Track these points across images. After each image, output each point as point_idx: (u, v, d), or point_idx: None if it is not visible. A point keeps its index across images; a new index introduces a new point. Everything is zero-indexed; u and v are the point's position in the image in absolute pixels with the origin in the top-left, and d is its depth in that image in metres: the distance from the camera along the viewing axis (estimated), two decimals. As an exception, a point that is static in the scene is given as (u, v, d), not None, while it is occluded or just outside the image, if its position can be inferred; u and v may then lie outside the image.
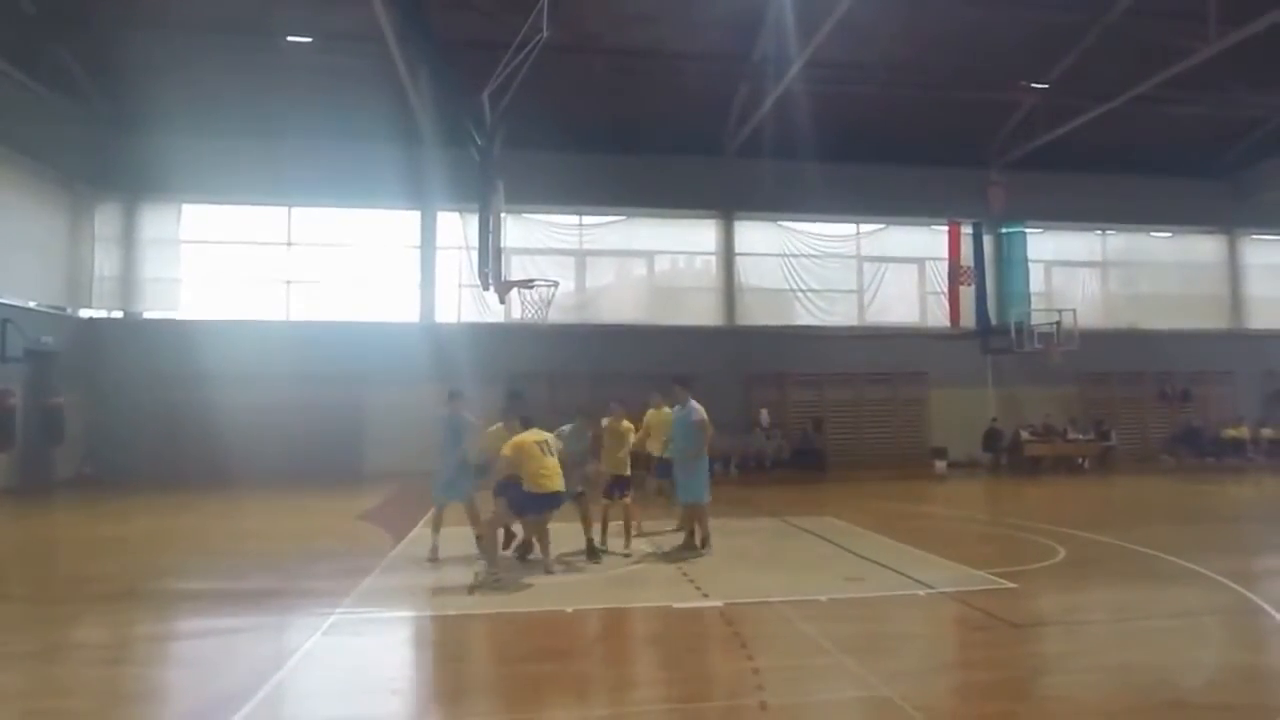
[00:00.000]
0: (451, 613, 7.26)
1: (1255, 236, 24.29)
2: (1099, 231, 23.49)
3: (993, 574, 8.40)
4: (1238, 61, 16.81)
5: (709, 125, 20.32)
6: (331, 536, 11.27)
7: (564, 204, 20.75)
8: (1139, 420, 22.66)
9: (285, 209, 20.34)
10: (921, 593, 7.82)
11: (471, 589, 8.00)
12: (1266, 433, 22.78)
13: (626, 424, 10.00)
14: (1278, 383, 23.46)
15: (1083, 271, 23.48)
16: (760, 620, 7.01)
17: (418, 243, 20.59)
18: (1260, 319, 23.99)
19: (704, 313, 21.41)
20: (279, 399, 18.44)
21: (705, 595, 7.67)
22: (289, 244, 20.30)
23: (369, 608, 7.36)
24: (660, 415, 10.70)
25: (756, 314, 21.43)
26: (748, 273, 21.54)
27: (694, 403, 9.68)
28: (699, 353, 20.54)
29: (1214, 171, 23.28)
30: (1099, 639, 6.62)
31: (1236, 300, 24.03)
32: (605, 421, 9.95)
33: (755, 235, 21.72)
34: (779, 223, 21.89)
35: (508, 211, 20.54)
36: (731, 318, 21.37)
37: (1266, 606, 7.25)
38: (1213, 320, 23.79)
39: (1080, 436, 20.64)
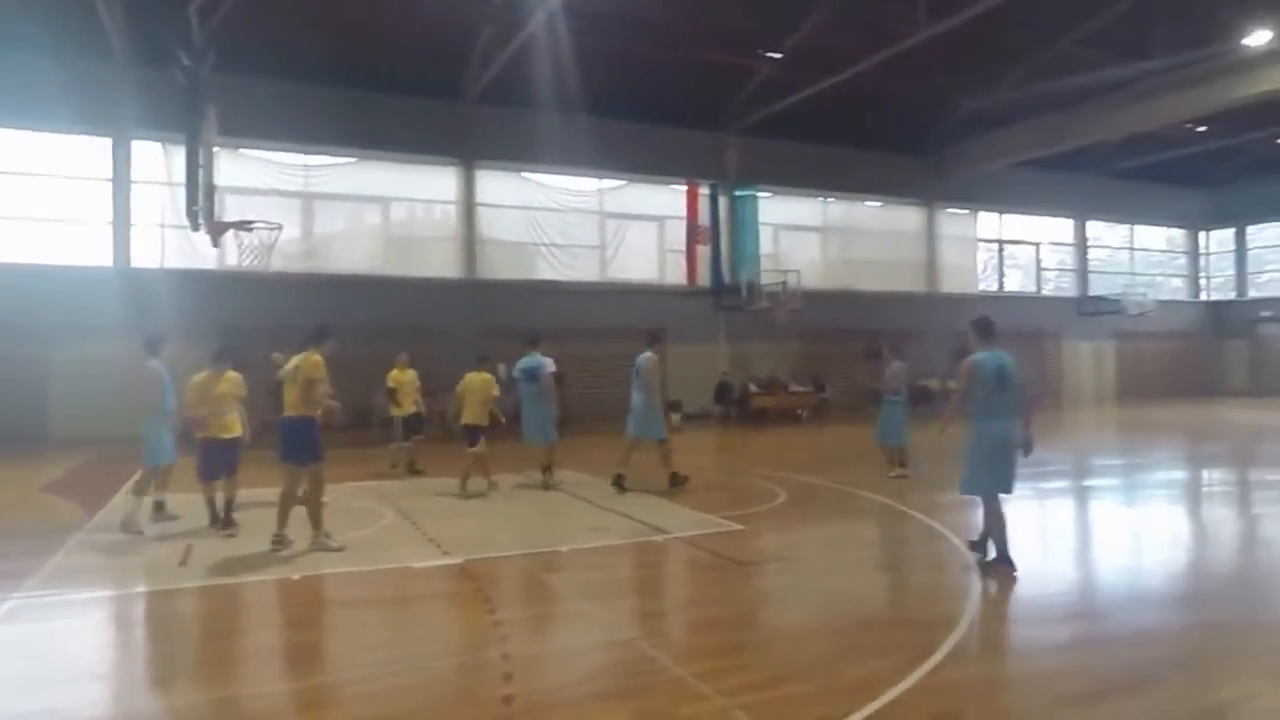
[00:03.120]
0: (160, 588, 6.38)
1: (949, 210, 27.35)
2: (821, 198, 25.30)
3: (723, 517, 8.76)
4: (944, 49, 18.55)
5: (450, 68, 19.33)
6: (10, 511, 9.67)
7: (288, 140, 18.90)
8: (851, 374, 24.86)
9: (-62, 129, 16.87)
10: (659, 538, 7.98)
11: (182, 562, 7.06)
12: (951, 384, 25.88)
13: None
14: (960, 341, 26.67)
15: (807, 235, 25.23)
16: (502, 575, 6.87)
17: (109, 175, 17.91)
18: (950, 284, 27.13)
19: (443, 264, 20.55)
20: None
21: (446, 553, 7.34)
22: (-56, 171, 16.89)
23: (57, 589, 6.31)
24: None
25: (498, 267, 20.92)
26: (489, 224, 20.92)
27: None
28: (437, 305, 19.77)
29: (919, 148, 25.77)
30: (811, 571, 7.07)
31: (932, 266, 26.98)
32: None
33: (497, 186, 21.11)
34: (522, 174, 21.43)
35: (221, 145, 18.45)
36: (472, 270, 20.70)
37: (946, 532, 8.08)
38: (913, 284, 26.55)
39: (800, 389, 22.28)
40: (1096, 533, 9.24)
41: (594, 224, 22.22)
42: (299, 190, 19.37)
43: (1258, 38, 17.83)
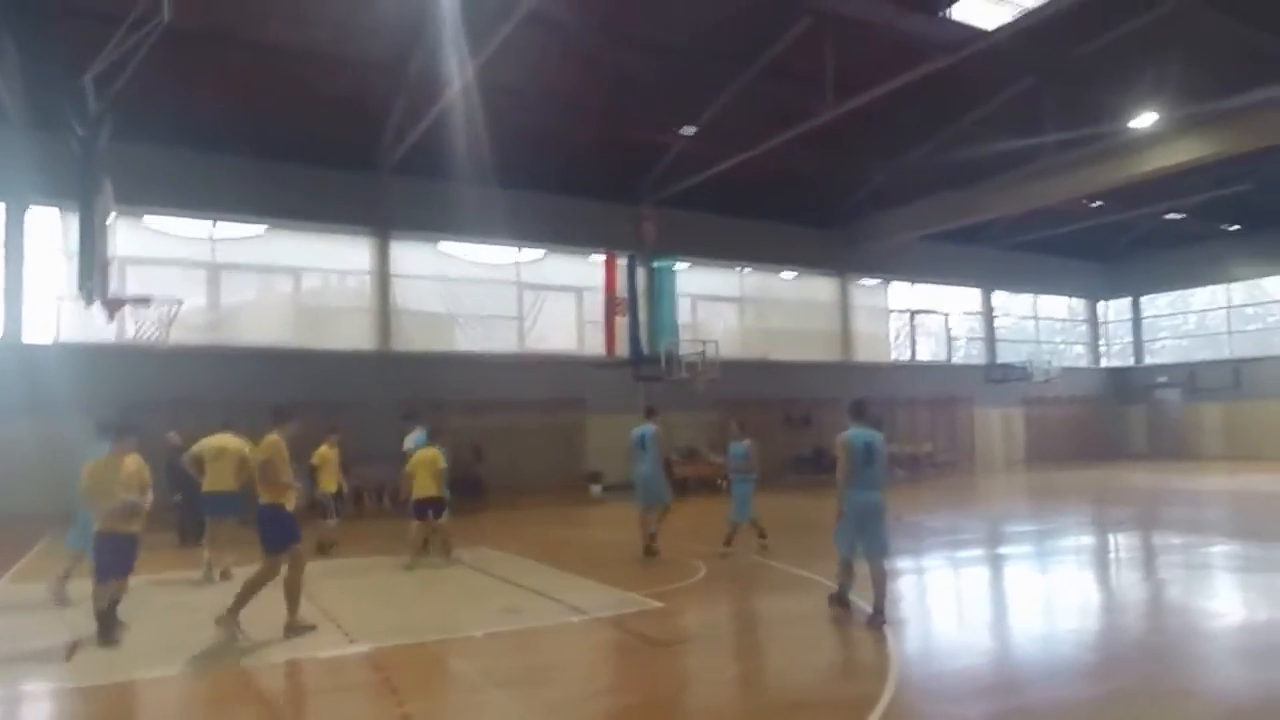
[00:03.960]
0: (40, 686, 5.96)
1: (862, 281, 28.12)
2: (738, 269, 25.74)
3: (644, 595, 8.50)
4: (851, 127, 19.30)
5: (363, 137, 19.17)
6: None
7: (195, 209, 18.34)
8: (769, 442, 24.94)
9: None
10: (577, 619, 7.69)
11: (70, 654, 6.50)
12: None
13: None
14: (875, 408, 27.13)
15: (724, 305, 25.56)
16: (411, 663, 6.47)
17: (2, 242, 17.06)
18: (864, 352, 27.74)
19: (357, 336, 20.05)
20: None
21: (351, 640, 6.90)
22: None
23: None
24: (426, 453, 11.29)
25: (414, 338, 20.51)
26: (404, 295, 20.55)
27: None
28: (351, 378, 19.19)
29: (831, 221, 26.55)
30: (733, 649, 6.95)
31: (846, 335, 27.58)
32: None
33: (412, 256, 20.82)
34: (437, 245, 21.24)
35: (122, 214, 17.81)
36: (387, 341, 20.24)
37: (861, 603, 7.97)
38: (828, 353, 27.05)
39: (718, 459, 22.22)
40: (1010, 600, 9.28)
41: (511, 295, 22.05)
42: (206, 260, 18.73)
43: (1143, 120, 19.04)
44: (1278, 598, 8.65)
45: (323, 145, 18.72)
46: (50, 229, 17.28)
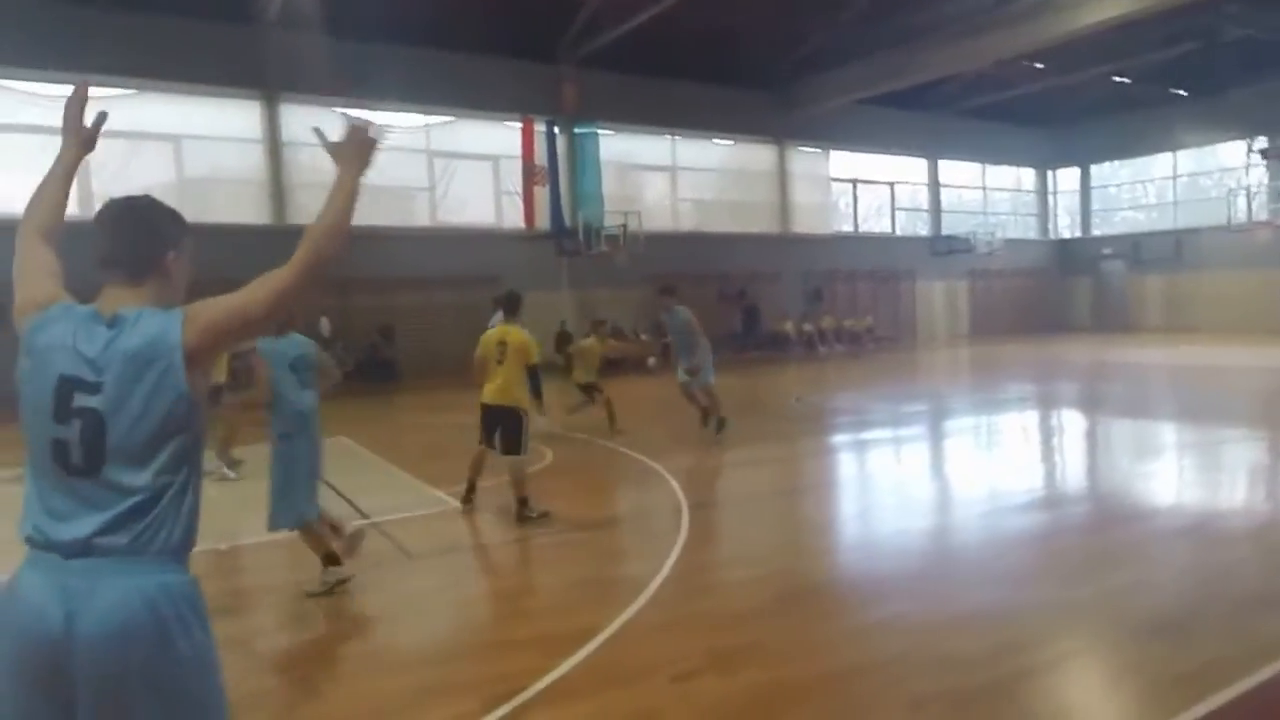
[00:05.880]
0: None
1: (801, 148, 26.80)
2: (669, 136, 24.32)
3: (454, 492, 7.77)
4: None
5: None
6: None
7: (49, 68, 16.70)
8: (701, 319, 24.12)
9: None
10: (349, 527, 6.99)
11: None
12: (806, 327, 25.75)
13: None
14: (815, 282, 26.46)
15: (653, 175, 24.27)
16: None
17: None
18: (802, 224, 26.72)
19: (247, 210, 18.78)
20: None
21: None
22: None
23: None
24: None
25: (310, 212, 19.18)
26: (300, 166, 19.16)
27: None
28: (243, 256, 17.69)
29: (768, 84, 24.94)
30: (474, 568, 6.39)
31: (785, 206, 26.48)
32: None
33: (308, 122, 19.28)
34: (335, 109, 19.68)
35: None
36: (281, 216, 19.00)
37: (683, 502, 7.39)
38: (765, 225, 26.02)
39: (645, 338, 21.54)
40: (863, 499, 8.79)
41: (421, 164, 20.68)
42: (43, 124, 17.19)
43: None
44: (1207, 486, 8.19)
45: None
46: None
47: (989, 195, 32.12)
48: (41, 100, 16.98)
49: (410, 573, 5.97)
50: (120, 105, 17.57)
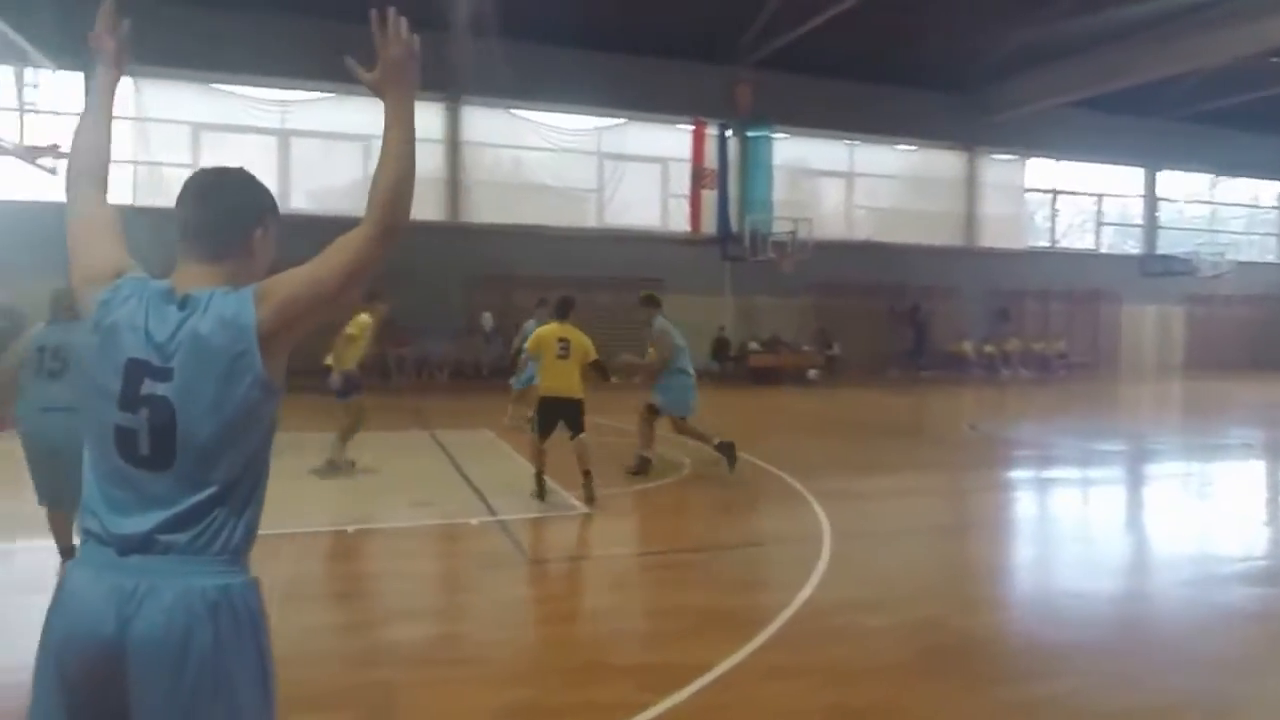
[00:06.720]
0: None
1: (994, 155, 24.90)
2: (847, 141, 23.21)
3: (577, 497, 7.42)
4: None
5: (426, -8, 18.00)
6: None
7: (261, 75, 17.98)
8: (871, 333, 22.97)
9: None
10: (475, 521, 6.79)
11: None
12: (988, 348, 23.86)
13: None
14: (1002, 300, 24.49)
15: (828, 181, 23.27)
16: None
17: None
18: (990, 237, 24.81)
19: (425, 206, 19.40)
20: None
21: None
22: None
23: None
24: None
25: (484, 210, 19.72)
26: (476, 165, 19.68)
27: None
28: (418, 250, 18.57)
29: (960, 85, 23.31)
30: (588, 579, 5.90)
31: (971, 217, 24.68)
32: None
33: (485, 124, 19.82)
34: (511, 111, 20.08)
35: (191, 80, 17.75)
36: (455, 213, 19.56)
37: (825, 531, 6.62)
38: (947, 237, 24.35)
39: (807, 348, 20.66)
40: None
41: (590, 166, 20.77)
42: (275, 128, 18.49)
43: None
44: None
45: (378, 3, 17.64)
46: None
47: (1218, 211, 28.60)
48: (265, 104, 18.40)
49: (522, 578, 5.74)
50: (318, 108, 18.75)
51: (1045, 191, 25.86)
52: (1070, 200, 26.39)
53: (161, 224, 1.96)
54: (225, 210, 1.83)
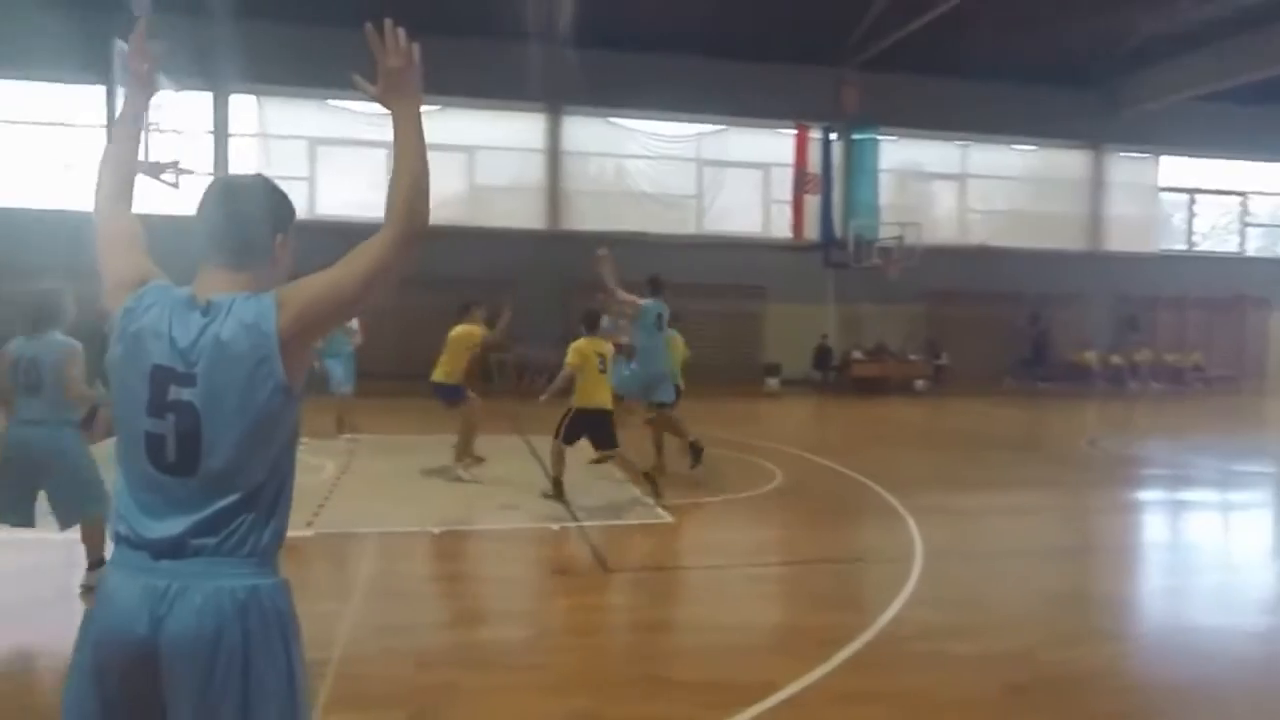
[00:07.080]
0: None
1: (1123, 153, 23.39)
2: (959, 142, 22.24)
3: (672, 505, 7.30)
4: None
5: (526, 7, 18.19)
6: None
7: (344, 88, 18.54)
8: (985, 341, 21.84)
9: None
10: (556, 526, 6.71)
11: None
12: (1114, 359, 22.38)
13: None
14: (1132, 307, 22.94)
15: (939, 184, 22.33)
16: (332, 556, 5.94)
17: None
18: (1118, 240, 23.29)
19: (528, 215, 19.71)
20: None
21: (307, 524, 6.32)
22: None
23: None
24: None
25: (584, 218, 19.82)
26: (576, 173, 19.82)
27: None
28: (519, 258, 18.93)
29: (1085, 80, 21.94)
30: (662, 589, 5.71)
31: (1097, 219, 23.23)
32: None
33: (584, 132, 19.94)
34: (610, 120, 20.11)
35: (299, 95, 18.54)
36: (557, 220, 19.72)
37: (918, 549, 6.21)
38: (1070, 240, 22.99)
39: (914, 358, 19.88)
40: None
41: (690, 172, 20.57)
42: (381, 140, 19.05)
43: None
44: None
45: (484, 15, 18.00)
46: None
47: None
48: (375, 118, 19.02)
49: (596, 585, 5.66)
50: (425, 121, 19.18)
51: (1182, 191, 24.10)
52: (1212, 200, 24.50)
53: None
54: (247, 218, 1.87)
